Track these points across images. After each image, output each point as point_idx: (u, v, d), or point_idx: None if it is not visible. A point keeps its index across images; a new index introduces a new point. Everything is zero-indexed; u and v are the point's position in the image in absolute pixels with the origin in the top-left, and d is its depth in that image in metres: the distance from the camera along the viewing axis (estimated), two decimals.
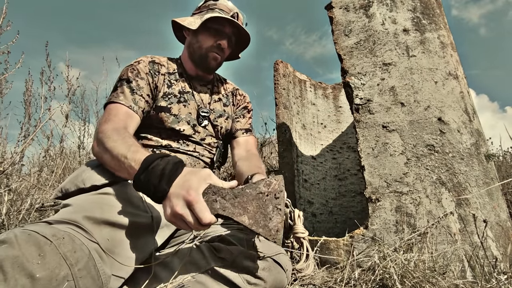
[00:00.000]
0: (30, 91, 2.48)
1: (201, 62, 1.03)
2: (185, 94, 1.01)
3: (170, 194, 0.56)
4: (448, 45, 1.20)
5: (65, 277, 0.48)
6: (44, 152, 2.36)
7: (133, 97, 0.89)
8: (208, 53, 1.01)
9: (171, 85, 1.00)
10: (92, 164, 0.77)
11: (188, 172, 0.59)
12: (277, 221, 0.56)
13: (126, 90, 0.89)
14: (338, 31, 1.28)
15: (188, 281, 0.63)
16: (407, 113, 1.10)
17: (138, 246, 0.64)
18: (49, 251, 0.48)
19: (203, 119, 1.02)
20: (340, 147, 2.09)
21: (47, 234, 0.50)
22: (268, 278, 0.67)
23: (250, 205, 0.57)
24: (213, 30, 1.00)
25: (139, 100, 0.90)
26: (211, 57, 1.02)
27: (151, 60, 0.99)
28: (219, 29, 1.01)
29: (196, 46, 1.02)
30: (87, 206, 0.60)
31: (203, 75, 1.09)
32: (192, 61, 1.05)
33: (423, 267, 0.82)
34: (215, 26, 1.00)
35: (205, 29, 1.01)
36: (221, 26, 1.01)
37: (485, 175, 1.04)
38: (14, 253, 0.45)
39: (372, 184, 1.06)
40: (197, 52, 1.03)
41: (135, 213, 0.65)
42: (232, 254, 0.66)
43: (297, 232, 0.97)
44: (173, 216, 0.55)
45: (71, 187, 0.71)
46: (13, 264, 0.44)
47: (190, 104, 1.01)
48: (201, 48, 1.02)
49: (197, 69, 1.07)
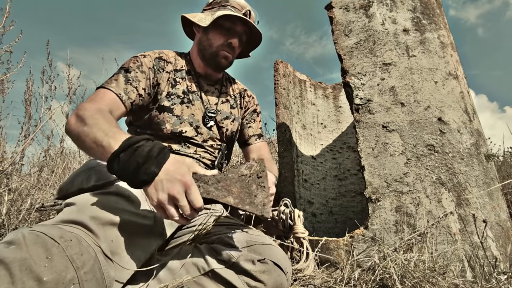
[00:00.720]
0: (31, 90, 2.49)
1: (211, 60, 1.01)
2: (191, 94, 0.99)
3: (162, 178, 0.55)
4: (448, 45, 1.20)
5: (71, 280, 0.48)
6: (44, 152, 2.36)
7: (125, 86, 0.85)
8: (219, 52, 0.99)
9: (176, 85, 0.97)
10: (92, 164, 0.77)
11: (175, 158, 0.59)
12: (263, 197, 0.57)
13: (121, 78, 0.86)
14: (338, 31, 1.28)
15: (188, 282, 0.63)
16: (407, 113, 1.10)
17: (141, 246, 0.63)
18: (56, 253, 0.48)
19: (209, 120, 1.00)
20: (340, 147, 2.09)
21: (55, 236, 0.50)
22: (268, 281, 0.66)
23: (234, 187, 0.58)
24: (224, 28, 0.98)
25: (131, 91, 0.85)
26: (222, 55, 0.99)
27: (158, 56, 0.96)
28: (230, 27, 0.98)
29: (207, 44, 1.00)
30: (92, 205, 0.60)
31: (212, 73, 1.07)
32: (202, 58, 1.03)
33: (423, 267, 0.82)
34: (227, 24, 0.98)
35: (216, 26, 0.98)
36: (233, 24, 0.98)
37: (485, 175, 1.04)
38: (22, 255, 0.45)
39: (372, 184, 1.06)
40: (207, 50, 1.00)
41: (139, 213, 0.65)
42: (232, 257, 0.66)
43: (297, 232, 0.97)
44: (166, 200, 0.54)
45: (71, 187, 0.71)
46: (21, 267, 0.44)
47: (195, 104, 0.99)
48: (211, 46, 0.99)
49: (206, 67, 1.04)
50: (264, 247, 0.71)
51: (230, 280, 0.64)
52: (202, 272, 0.65)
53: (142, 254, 0.63)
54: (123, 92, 0.83)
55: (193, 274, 0.65)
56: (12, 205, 1.26)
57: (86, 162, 0.80)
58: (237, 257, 0.66)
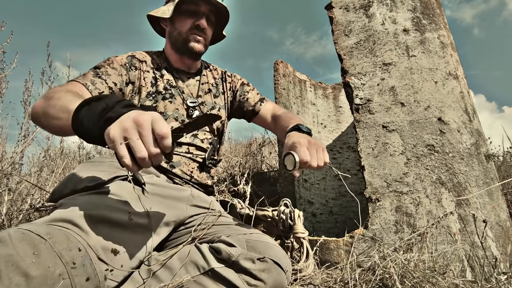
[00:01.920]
0: (30, 91, 2.48)
1: (183, 48, 0.98)
2: (172, 89, 0.97)
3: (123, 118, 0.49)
4: (448, 45, 1.20)
5: (60, 275, 0.48)
6: (44, 152, 2.36)
7: (93, 79, 0.81)
8: (189, 36, 0.97)
9: (156, 82, 0.96)
10: (85, 165, 0.77)
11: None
12: None
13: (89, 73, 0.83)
14: (338, 31, 1.28)
15: (188, 282, 0.63)
16: (407, 113, 1.10)
17: (136, 244, 0.63)
18: (44, 249, 0.48)
19: (193, 110, 0.97)
20: (340, 147, 2.09)
21: (42, 232, 0.50)
22: (268, 280, 0.66)
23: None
24: (188, 12, 0.96)
25: (99, 83, 0.81)
26: (193, 39, 0.97)
27: (130, 55, 0.95)
28: (195, 9, 0.96)
29: (176, 33, 0.98)
30: (83, 205, 0.60)
31: (190, 63, 1.04)
32: (176, 51, 1.01)
33: (423, 267, 0.82)
34: (190, 7, 0.96)
35: (180, 13, 0.97)
36: (196, 6, 0.96)
37: (485, 175, 1.03)
38: (8, 252, 0.45)
39: (372, 184, 1.06)
40: (178, 39, 0.98)
41: (132, 212, 0.65)
42: (232, 255, 0.66)
43: (297, 232, 0.97)
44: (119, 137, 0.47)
45: (64, 190, 0.71)
46: (7, 263, 0.44)
47: (176, 99, 0.96)
48: (180, 33, 0.97)
49: (182, 58, 1.02)
50: (264, 245, 0.71)
51: (230, 279, 0.64)
52: (202, 271, 0.65)
53: (138, 252, 0.63)
54: (90, 82, 0.80)
55: (192, 273, 0.65)
56: (12, 205, 1.26)
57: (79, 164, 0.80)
58: (236, 256, 0.66)
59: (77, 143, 2.80)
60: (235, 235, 0.73)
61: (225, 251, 0.67)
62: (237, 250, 0.67)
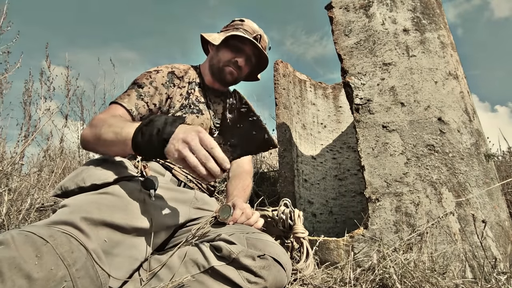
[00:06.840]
0: (30, 91, 2.49)
1: (218, 75, 1.11)
2: (200, 104, 1.08)
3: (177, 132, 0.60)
4: (448, 45, 1.20)
5: (63, 278, 0.48)
6: (43, 152, 2.36)
7: (137, 102, 0.93)
8: (225, 67, 1.09)
9: (189, 96, 1.06)
10: (93, 162, 0.77)
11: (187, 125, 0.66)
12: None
13: (133, 94, 0.94)
14: (338, 31, 1.28)
15: (188, 281, 0.63)
16: (407, 113, 1.10)
17: (136, 247, 0.63)
18: (46, 251, 0.48)
19: (216, 130, 1.08)
20: (340, 147, 2.09)
21: (44, 235, 0.50)
22: (268, 277, 0.66)
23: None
24: (233, 47, 1.09)
25: (141, 106, 0.94)
26: (227, 71, 1.09)
27: (170, 71, 1.05)
28: (239, 47, 1.09)
29: (216, 60, 1.11)
30: (85, 206, 0.60)
31: (218, 87, 1.16)
32: (211, 73, 1.13)
33: (423, 267, 0.82)
34: (236, 44, 1.08)
35: (227, 45, 1.09)
36: (242, 44, 1.09)
37: (485, 175, 1.04)
38: (11, 254, 0.45)
39: (372, 184, 1.06)
40: (215, 65, 1.11)
41: (135, 213, 0.65)
42: (232, 253, 0.66)
43: (297, 232, 0.97)
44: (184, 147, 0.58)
45: (71, 185, 0.71)
46: (10, 265, 0.44)
47: (204, 114, 1.06)
48: (219, 61, 1.10)
49: (214, 81, 1.14)
50: (264, 243, 0.71)
51: (230, 276, 0.64)
52: (202, 269, 0.65)
53: (138, 253, 0.63)
54: (134, 107, 0.92)
55: (192, 272, 0.65)
56: (12, 205, 1.26)
57: (87, 161, 0.80)
58: (237, 253, 0.66)
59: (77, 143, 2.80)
60: (235, 233, 0.73)
61: (225, 248, 0.67)
62: (238, 247, 0.67)
